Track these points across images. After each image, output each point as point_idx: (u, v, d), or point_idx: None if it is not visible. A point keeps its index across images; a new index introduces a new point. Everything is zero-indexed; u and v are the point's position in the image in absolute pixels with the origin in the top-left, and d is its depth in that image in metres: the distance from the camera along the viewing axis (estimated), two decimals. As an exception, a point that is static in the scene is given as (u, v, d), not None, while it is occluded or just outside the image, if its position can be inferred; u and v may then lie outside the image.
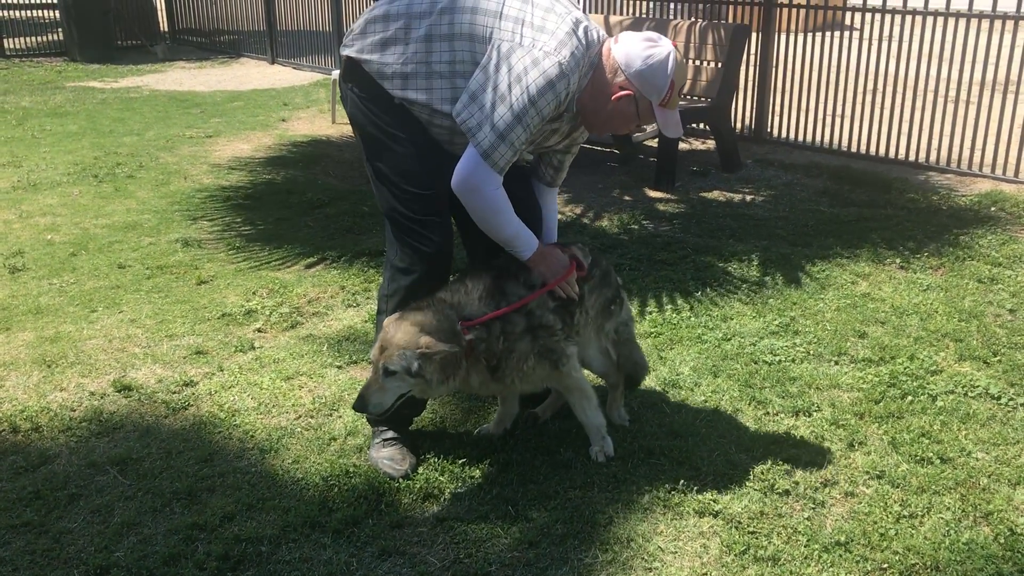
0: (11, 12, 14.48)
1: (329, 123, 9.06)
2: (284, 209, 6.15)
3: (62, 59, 13.67)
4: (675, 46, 2.80)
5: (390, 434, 3.16)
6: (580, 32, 2.75)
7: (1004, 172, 6.54)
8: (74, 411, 3.53)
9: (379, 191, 3.04)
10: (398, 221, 2.99)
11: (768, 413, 3.45)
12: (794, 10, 7.42)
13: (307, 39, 12.89)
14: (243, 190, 6.66)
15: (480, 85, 2.73)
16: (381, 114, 2.92)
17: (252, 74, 12.60)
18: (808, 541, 2.72)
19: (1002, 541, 2.71)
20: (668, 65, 2.75)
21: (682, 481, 3.00)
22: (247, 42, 14.22)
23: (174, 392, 3.66)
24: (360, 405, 2.79)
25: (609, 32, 7.18)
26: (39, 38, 14.23)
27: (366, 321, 4.27)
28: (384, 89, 2.89)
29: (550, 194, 3.25)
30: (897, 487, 2.98)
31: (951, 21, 6.67)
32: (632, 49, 2.77)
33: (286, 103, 10.24)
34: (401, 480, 3.01)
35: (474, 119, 2.73)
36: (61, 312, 4.45)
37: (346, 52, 2.96)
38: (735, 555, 2.66)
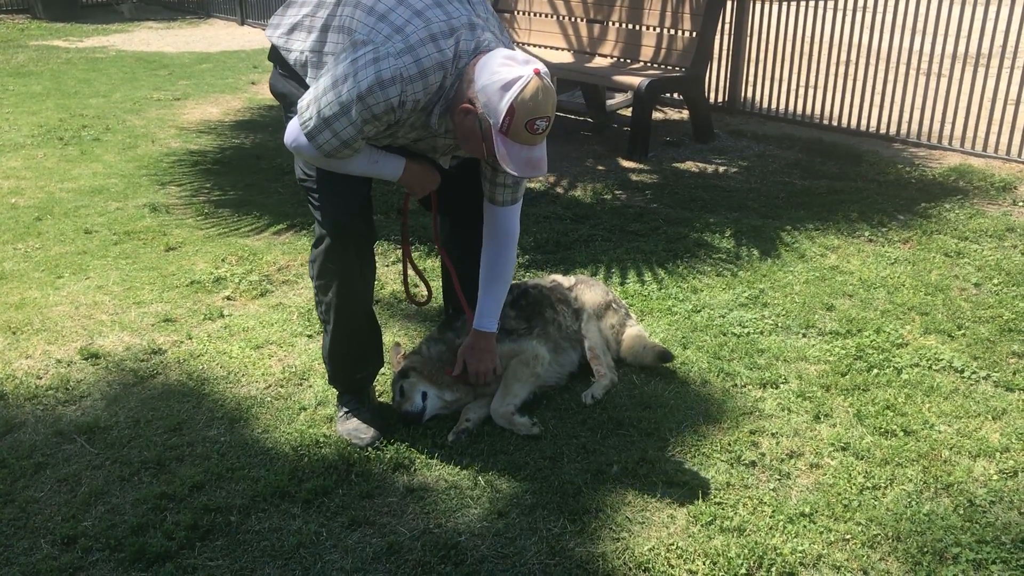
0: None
1: (300, 87, 8.94)
2: (253, 175, 6.08)
3: (25, 16, 13.36)
4: (538, 74, 2.54)
5: (351, 406, 3.17)
6: (448, 41, 2.61)
7: (973, 146, 6.59)
8: (40, 379, 3.49)
9: (295, 160, 3.00)
10: (304, 188, 2.97)
11: (736, 385, 3.49)
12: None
13: (277, 0, 12.69)
14: (212, 155, 6.58)
15: (325, 70, 2.69)
16: (296, 85, 2.91)
17: (221, 35, 12.39)
18: (773, 512, 2.76)
19: (961, 512, 2.77)
20: (512, 89, 2.51)
21: (650, 452, 3.03)
22: (216, 2, 13.98)
23: (142, 360, 3.63)
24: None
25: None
26: (1, -6, 13.89)
27: (337, 290, 4.24)
28: (296, 72, 2.91)
29: (492, 212, 3.06)
30: (861, 459, 3.03)
31: (924, -6, 6.68)
32: (489, 63, 2.57)
33: (256, 66, 10.09)
34: (369, 450, 3.02)
35: (305, 99, 2.69)
36: (26, 278, 4.39)
37: (267, 32, 2.97)
38: (701, 525, 2.70)
